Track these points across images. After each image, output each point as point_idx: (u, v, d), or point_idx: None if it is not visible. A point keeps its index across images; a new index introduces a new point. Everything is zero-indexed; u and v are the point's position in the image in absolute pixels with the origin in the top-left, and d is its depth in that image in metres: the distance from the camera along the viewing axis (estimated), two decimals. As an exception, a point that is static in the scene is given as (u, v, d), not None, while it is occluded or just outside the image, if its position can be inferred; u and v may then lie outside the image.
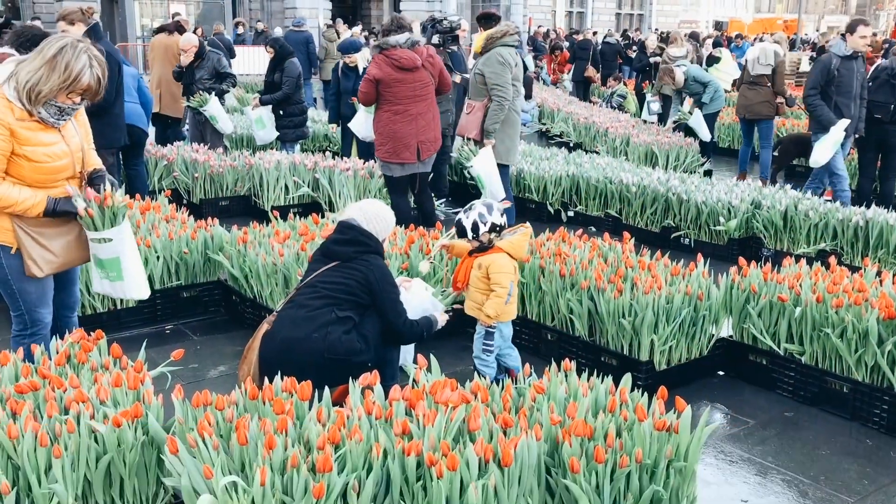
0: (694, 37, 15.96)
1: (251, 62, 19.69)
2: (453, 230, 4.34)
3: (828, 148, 7.46)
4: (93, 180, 3.48)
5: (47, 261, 3.40)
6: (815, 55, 18.35)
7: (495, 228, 3.84)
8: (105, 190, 3.43)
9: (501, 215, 3.88)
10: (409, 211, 6.45)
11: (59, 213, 3.35)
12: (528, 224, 4.16)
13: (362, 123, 6.93)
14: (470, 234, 3.85)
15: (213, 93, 8.44)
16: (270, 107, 8.83)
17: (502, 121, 6.45)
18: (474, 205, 3.89)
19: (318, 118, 11.51)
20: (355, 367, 3.35)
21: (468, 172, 6.51)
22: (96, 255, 3.54)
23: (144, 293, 3.81)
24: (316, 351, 3.42)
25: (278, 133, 8.92)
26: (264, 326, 3.60)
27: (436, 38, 7.28)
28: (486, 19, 7.31)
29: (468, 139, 6.50)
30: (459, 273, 3.99)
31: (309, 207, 7.34)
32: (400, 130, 6.04)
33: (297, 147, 9.19)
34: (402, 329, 3.66)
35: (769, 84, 9.38)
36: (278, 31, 16.27)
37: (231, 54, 15.02)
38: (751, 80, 9.47)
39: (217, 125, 8.60)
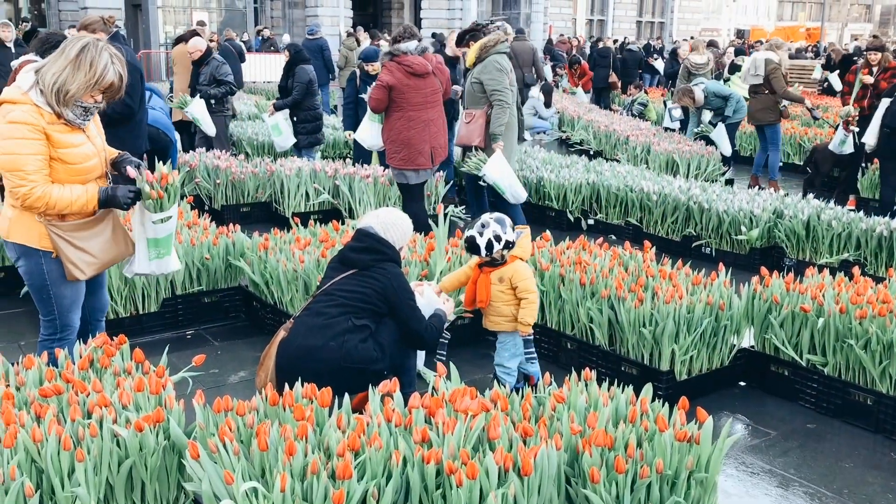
0: (713, 45, 15.90)
1: (258, 69, 19.83)
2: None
3: None
4: (121, 164, 3.53)
5: (88, 263, 3.44)
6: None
7: (508, 245, 3.87)
8: (144, 169, 3.51)
9: (512, 230, 3.90)
10: (427, 218, 6.46)
11: (112, 201, 3.39)
12: (526, 226, 4.20)
13: (368, 132, 6.93)
14: (483, 252, 3.85)
15: (199, 95, 8.56)
16: (286, 113, 8.95)
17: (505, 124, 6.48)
18: (487, 223, 3.86)
19: (337, 125, 11.57)
20: (371, 375, 3.36)
21: (483, 181, 6.51)
22: (154, 237, 3.62)
23: (179, 264, 4.02)
24: (332, 359, 3.42)
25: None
26: (281, 333, 3.61)
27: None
28: (474, 33, 7.31)
29: (475, 148, 6.47)
30: (478, 292, 3.96)
31: (329, 214, 7.38)
32: (414, 137, 6.09)
33: (318, 154, 9.24)
34: (424, 334, 3.67)
35: (766, 91, 9.52)
36: (286, 39, 16.34)
37: (241, 59, 15.15)
38: (752, 88, 9.73)
39: (201, 126, 8.74)
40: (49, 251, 3.38)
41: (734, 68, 13.70)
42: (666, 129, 12.08)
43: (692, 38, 17.42)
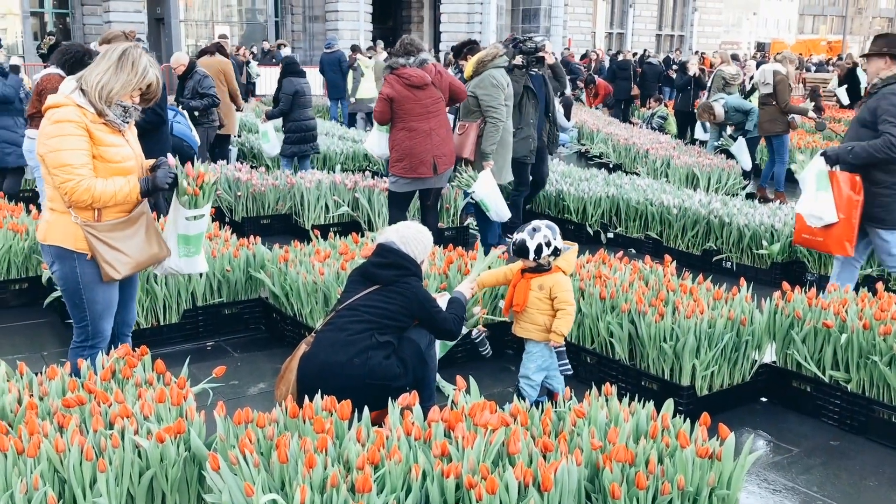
0: (735, 58, 15.89)
1: (264, 81, 20.08)
2: (487, 258, 4.34)
3: None
4: (157, 166, 3.63)
5: (123, 262, 3.50)
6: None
7: (556, 252, 3.89)
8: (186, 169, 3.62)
9: (560, 237, 3.93)
10: None
11: (153, 190, 3.52)
12: (574, 243, 4.18)
13: (377, 142, 6.99)
14: (532, 255, 3.86)
15: (182, 107, 8.66)
16: (278, 123, 9.37)
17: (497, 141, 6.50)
18: (539, 227, 3.88)
19: (357, 138, 11.63)
20: (394, 391, 3.35)
21: (472, 198, 6.59)
22: (185, 234, 3.73)
23: (207, 265, 4.09)
24: (356, 376, 3.43)
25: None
26: (302, 347, 3.62)
27: (519, 59, 7.13)
28: (470, 46, 7.35)
29: (465, 162, 6.54)
30: (516, 296, 3.98)
31: (348, 226, 7.40)
32: (417, 147, 6.19)
33: (308, 163, 9.54)
34: (452, 327, 3.79)
35: (774, 102, 9.50)
36: (287, 51, 16.47)
37: (239, 73, 15.37)
38: (761, 99, 9.74)
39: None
40: (83, 253, 3.46)
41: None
42: (695, 140, 12.02)
43: (715, 51, 17.38)
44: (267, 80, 20.11)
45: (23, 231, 5.57)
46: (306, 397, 3.05)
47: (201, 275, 5.07)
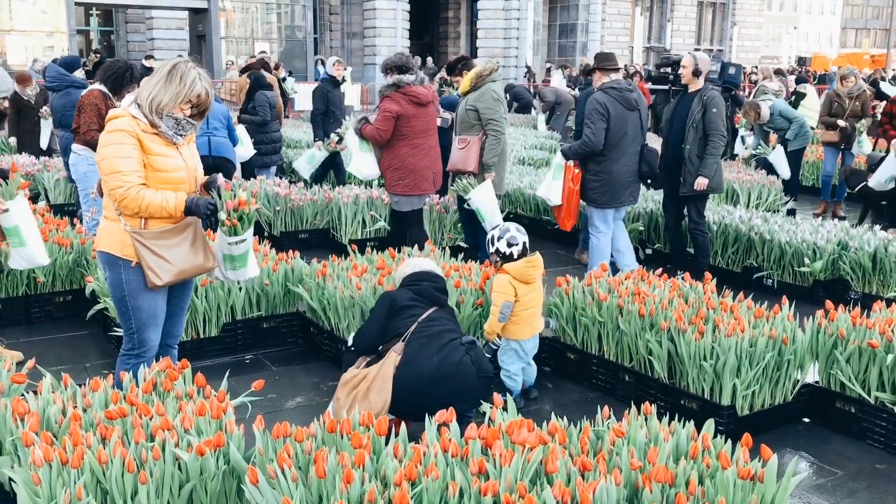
0: (780, 73, 15.74)
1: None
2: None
3: None
4: (208, 185, 3.71)
5: (165, 269, 3.57)
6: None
7: (499, 253, 4.36)
8: (233, 195, 3.68)
9: (509, 245, 4.34)
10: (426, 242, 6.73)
11: (195, 209, 3.57)
12: (537, 253, 4.46)
13: (364, 163, 6.92)
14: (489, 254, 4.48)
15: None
16: (244, 127, 9.29)
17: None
18: (497, 228, 4.44)
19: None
20: (493, 384, 3.80)
21: (467, 204, 6.61)
22: (229, 254, 3.83)
23: (258, 270, 4.23)
24: (471, 373, 3.77)
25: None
26: (392, 356, 3.79)
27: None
28: (464, 62, 7.33)
29: (468, 173, 6.60)
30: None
31: (385, 241, 7.42)
32: (419, 163, 6.31)
33: (273, 171, 9.63)
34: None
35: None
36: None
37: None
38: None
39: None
40: (129, 260, 3.54)
41: (798, 96, 13.45)
42: (734, 156, 11.87)
43: (756, 66, 17.21)
44: (304, 96, 20.33)
45: (68, 244, 5.68)
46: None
47: (241, 289, 5.13)
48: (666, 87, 13.33)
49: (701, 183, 6.36)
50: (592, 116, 6.09)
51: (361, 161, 6.88)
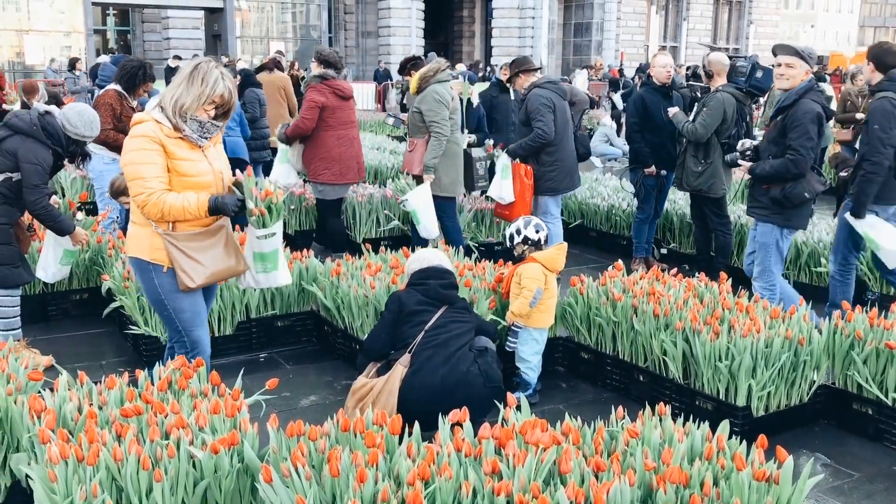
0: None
1: None
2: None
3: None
4: (236, 187, 3.70)
5: (198, 272, 3.58)
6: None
7: (527, 241, 4.42)
8: (256, 182, 3.68)
9: (536, 231, 4.43)
10: (344, 231, 7.29)
11: (221, 208, 3.55)
12: (564, 242, 4.67)
13: (284, 172, 7.00)
14: (508, 243, 4.54)
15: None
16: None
17: (442, 155, 6.48)
18: (520, 219, 4.55)
19: (398, 150, 11.69)
20: (501, 392, 3.62)
21: (403, 206, 6.59)
22: (259, 252, 3.81)
23: (290, 278, 4.18)
24: (478, 384, 3.77)
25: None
26: (398, 369, 3.78)
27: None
28: (414, 62, 7.42)
29: (410, 175, 6.64)
30: (504, 284, 4.57)
31: (399, 240, 7.43)
32: (344, 153, 6.66)
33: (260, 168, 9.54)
34: (494, 332, 4.30)
35: None
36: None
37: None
38: None
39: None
40: (159, 265, 3.55)
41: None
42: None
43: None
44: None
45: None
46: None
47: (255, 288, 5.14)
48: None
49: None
50: (541, 111, 6.31)
51: (283, 169, 7.13)
